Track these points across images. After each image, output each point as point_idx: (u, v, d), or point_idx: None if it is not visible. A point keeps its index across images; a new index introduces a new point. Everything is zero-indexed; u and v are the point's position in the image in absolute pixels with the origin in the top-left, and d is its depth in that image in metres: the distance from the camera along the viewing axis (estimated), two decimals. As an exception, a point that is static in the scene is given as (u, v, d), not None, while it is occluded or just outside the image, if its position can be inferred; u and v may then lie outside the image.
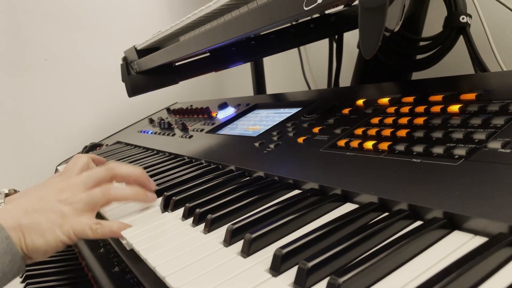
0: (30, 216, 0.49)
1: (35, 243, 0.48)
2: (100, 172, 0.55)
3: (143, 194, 0.56)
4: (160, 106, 1.49)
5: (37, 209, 0.50)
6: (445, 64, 0.76)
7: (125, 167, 0.58)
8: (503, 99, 0.44)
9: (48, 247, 0.48)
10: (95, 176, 0.55)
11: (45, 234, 0.48)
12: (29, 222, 0.48)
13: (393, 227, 0.35)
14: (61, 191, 0.52)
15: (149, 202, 0.57)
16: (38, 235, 0.48)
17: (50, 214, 0.49)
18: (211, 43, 0.66)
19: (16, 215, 0.49)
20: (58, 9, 1.38)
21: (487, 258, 0.27)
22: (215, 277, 0.35)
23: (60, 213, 0.50)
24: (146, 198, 0.56)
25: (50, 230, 0.48)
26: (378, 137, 0.50)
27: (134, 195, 0.55)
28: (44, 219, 0.49)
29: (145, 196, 0.56)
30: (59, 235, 0.49)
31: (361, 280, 0.29)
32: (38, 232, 0.48)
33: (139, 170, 0.58)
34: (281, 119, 0.74)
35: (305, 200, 0.45)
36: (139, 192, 0.56)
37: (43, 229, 0.48)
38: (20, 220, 0.48)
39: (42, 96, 1.38)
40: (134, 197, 0.55)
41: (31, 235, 0.48)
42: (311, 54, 1.41)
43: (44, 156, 1.38)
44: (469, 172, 0.36)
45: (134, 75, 0.94)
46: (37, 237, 0.48)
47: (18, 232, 0.47)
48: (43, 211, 0.49)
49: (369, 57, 0.40)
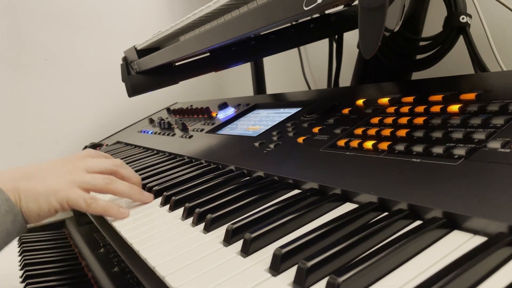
0: (27, 180, 0.51)
1: (29, 207, 0.50)
2: (105, 163, 0.57)
3: (139, 193, 0.58)
4: (160, 106, 1.49)
5: (36, 176, 0.52)
6: (445, 64, 0.76)
7: (129, 169, 0.60)
8: (503, 99, 0.44)
9: (41, 211, 0.50)
10: (99, 165, 0.57)
11: (40, 199, 0.50)
12: (26, 186, 0.50)
13: (393, 226, 0.35)
14: (64, 165, 0.55)
15: (144, 200, 0.59)
16: (33, 199, 0.50)
17: (47, 181, 0.52)
18: (211, 43, 0.66)
19: (15, 178, 0.51)
20: (58, 9, 1.38)
21: (487, 258, 0.27)
22: (214, 277, 0.35)
23: (57, 182, 0.52)
24: (141, 197, 0.58)
25: (45, 195, 0.50)
26: (378, 137, 0.50)
27: (131, 192, 0.57)
28: (41, 185, 0.51)
29: (141, 195, 0.58)
30: (52, 202, 0.51)
31: (361, 279, 0.28)
32: (34, 196, 0.50)
33: (138, 178, 0.61)
34: (281, 119, 0.74)
35: (304, 200, 0.45)
36: (136, 190, 0.58)
37: (38, 194, 0.50)
38: (18, 183, 0.50)
39: (42, 96, 1.38)
40: (130, 194, 0.57)
41: (26, 198, 0.50)
42: (311, 54, 1.41)
43: (44, 156, 1.38)
44: (468, 172, 0.36)
45: (134, 75, 0.94)
46: (32, 201, 0.50)
47: (16, 194, 0.49)
48: (41, 178, 0.52)
49: (369, 57, 0.40)
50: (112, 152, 1.13)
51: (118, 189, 0.56)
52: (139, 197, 0.58)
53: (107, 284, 0.68)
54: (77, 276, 0.81)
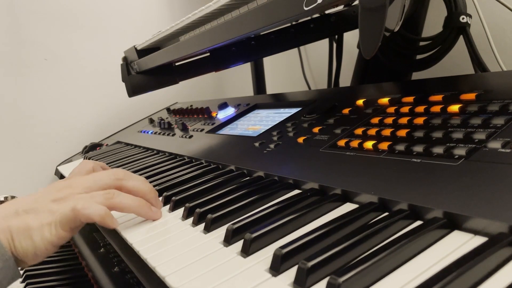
0: (19, 217, 0.45)
1: (23, 246, 0.44)
2: (106, 178, 0.51)
3: (147, 207, 0.51)
4: (160, 106, 1.49)
5: (28, 209, 0.46)
6: (445, 64, 0.76)
7: (134, 180, 0.52)
8: (503, 99, 0.44)
9: (37, 249, 0.44)
10: (99, 182, 0.50)
11: (33, 236, 0.44)
12: (18, 223, 0.44)
13: (393, 227, 0.35)
14: (59, 191, 0.48)
15: (152, 218, 0.52)
16: (26, 237, 0.44)
17: (40, 214, 0.45)
18: (211, 43, 0.66)
19: (6, 216, 0.45)
20: (58, 9, 1.38)
21: (487, 258, 0.27)
22: (215, 277, 0.35)
23: (50, 212, 0.46)
24: (149, 212, 0.51)
25: (38, 230, 0.44)
26: (378, 137, 0.50)
27: (137, 206, 0.50)
28: (32, 220, 0.45)
29: (149, 210, 0.51)
30: (47, 236, 0.45)
31: (361, 280, 0.28)
32: (27, 234, 0.44)
33: (148, 186, 0.53)
34: (281, 119, 0.74)
35: (305, 200, 0.45)
36: (143, 204, 0.50)
37: (31, 231, 0.44)
38: (10, 221, 0.44)
39: (42, 96, 1.38)
40: (137, 209, 0.50)
41: (19, 237, 0.44)
42: (311, 54, 1.41)
43: (44, 156, 1.38)
44: (469, 172, 0.36)
45: (134, 75, 0.94)
46: (25, 239, 0.44)
47: (7, 235, 0.44)
48: (33, 211, 0.46)
49: (369, 57, 0.40)
50: (112, 152, 1.13)
51: (121, 206, 0.48)
52: (147, 213, 0.51)
53: (107, 284, 0.68)
54: (77, 276, 0.81)
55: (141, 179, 0.53)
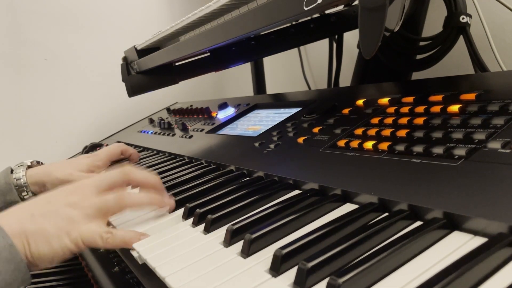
0: (36, 221, 0.45)
1: (41, 251, 0.44)
2: (114, 176, 0.52)
3: (159, 197, 0.52)
4: (160, 106, 1.49)
5: (43, 213, 0.46)
6: (445, 64, 0.76)
7: (141, 173, 0.54)
8: (503, 99, 0.44)
9: (55, 255, 0.45)
10: (109, 180, 0.52)
11: (51, 241, 0.45)
12: (35, 228, 0.45)
13: (393, 227, 0.35)
14: (71, 193, 0.49)
15: (167, 205, 0.53)
16: (44, 242, 0.44)
17: (57, 219, 0.46)
18: (211, 43, 0.66)
19: (22, 220, 0.45)
20: (58, 9, 1.38)
21: (487, 259, 0.27)
22: (215, 278, 0.35)
23: (68, 219, 0.46)
24: (162, 201, 0.52)
25: (57, 237, 0.45)
26: (378, 137, 0.50)
27: (150, 199, 0.51)
28: (50, 225, 0.45)
29: (161, 199, 0.52)
30: (67, 243, 0.45)
31: (361, 280, 0.28)
32: (44, 239, 0.44)
33: (155, 178, 0.54)
34: (281, 119, 0.73)
35: (305, 201, 0.45)
36: (154, 196, 0.52)
37: (49, 236, 0.45)
38: (25, 225, 0.45)
39: (42, 96, 1.38)
40: (150, 202, 0.51)
41: (36, 242, 0.44)
42: (311, 54, 1.41)
43: (44, 156, 1.38)
44: (469, 172, 0.36)
45: (134, 75, 0.94)
46: (42, 245, 0.44)
47: (23, 239, 0.44)
48: (50, 216, 0.46)
49: (369, 57, 0.40)
50: (112, 152, 1.13)
51: (133, 204, 0.50)
52: (160, 202, 0.52)
53: (107, 284, 0.68)
54: (77, 276, 0.81)
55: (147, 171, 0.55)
